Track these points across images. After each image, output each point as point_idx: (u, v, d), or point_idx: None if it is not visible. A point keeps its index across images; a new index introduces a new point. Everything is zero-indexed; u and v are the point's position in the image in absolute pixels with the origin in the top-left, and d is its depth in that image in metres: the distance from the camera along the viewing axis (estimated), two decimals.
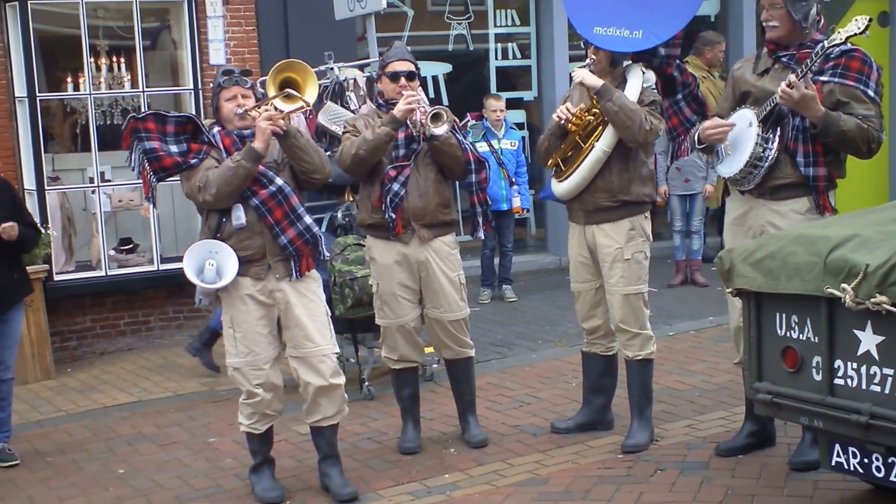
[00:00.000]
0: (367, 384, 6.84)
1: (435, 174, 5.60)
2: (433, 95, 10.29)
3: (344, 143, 5.60)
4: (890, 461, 4.04)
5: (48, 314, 7.87)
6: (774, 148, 4.99)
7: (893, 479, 4.06)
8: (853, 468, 4.22)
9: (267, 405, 5.19)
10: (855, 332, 4.00)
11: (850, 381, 4.05)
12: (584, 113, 5.50)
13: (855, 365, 4.02)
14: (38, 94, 8.11)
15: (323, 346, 5.14)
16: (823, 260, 4.07)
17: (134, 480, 5.73)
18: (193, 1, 8.52)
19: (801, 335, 4.22)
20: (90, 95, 8.30)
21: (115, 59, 8.59)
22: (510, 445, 5.81)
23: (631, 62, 5.59)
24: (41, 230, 6.63)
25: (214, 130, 5.16)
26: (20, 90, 8.10)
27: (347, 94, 7.53)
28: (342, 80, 7.59)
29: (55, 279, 8.10)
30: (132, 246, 8.60)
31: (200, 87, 8.48)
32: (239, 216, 5.05)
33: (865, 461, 4.14)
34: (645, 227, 5.60)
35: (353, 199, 7.39)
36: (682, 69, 5.69)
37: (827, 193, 5.01)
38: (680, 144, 5.78)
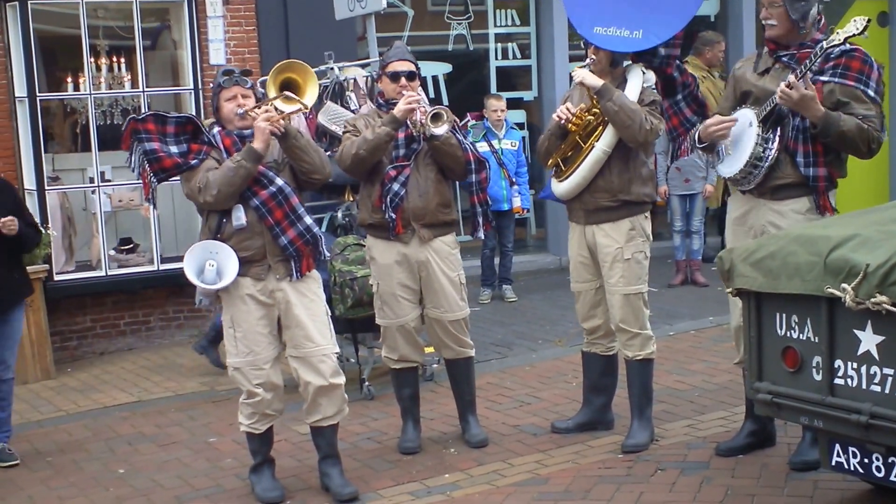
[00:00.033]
0: (367, 384, 6.84)
1: (435, 174, 5.60)
2: (433, 95, 10.28)
3: (344, 142, 5.60)
4: (890, 461, 4.04)
5: (48, 314, 7.88)
6: (774, 148, 4.98)
7: (893, 478, 4.06)
8: (853, 468, 4.22)
9: (267, 405, 5.19)
10: (855, 331, 4.00)
11: (850, 380, 4.05)
12: (584, 113, 5.50)
13: (855, 365, 4.02)
14: (38, 93, 8.10)
15: (323, 345, 5.14)
16: (824, 260, 4.07)
17: (134, 480, 5.73)
18: (193, 1, 8.52)
19: (801, 335, 4.22)
20: (90, 95, 8.29)
21: (115, 58, 8.59)
22: (510, 445, 5.81)
23: (631, 62, 5.59)
24: (42, 231, 6.63)
25: (215, 130, 5.16)
26: (20, 90, 8.09)
27: (347, 94, 7.53)
28: (342, 79, 7.59)
29: (55, 279, 8.09)
30: (132, 246, 8.59)
31: (200, 87, 8.47)
32: (239, 217, 5.05)
33: (865, 461, 4.14)
34: (645, 226, 5.59)
35: (353, 199, 7.38)
36: (682, 69, 5.69)
37: (827, 193, 5.01)
38: (680, 145, 5.78)
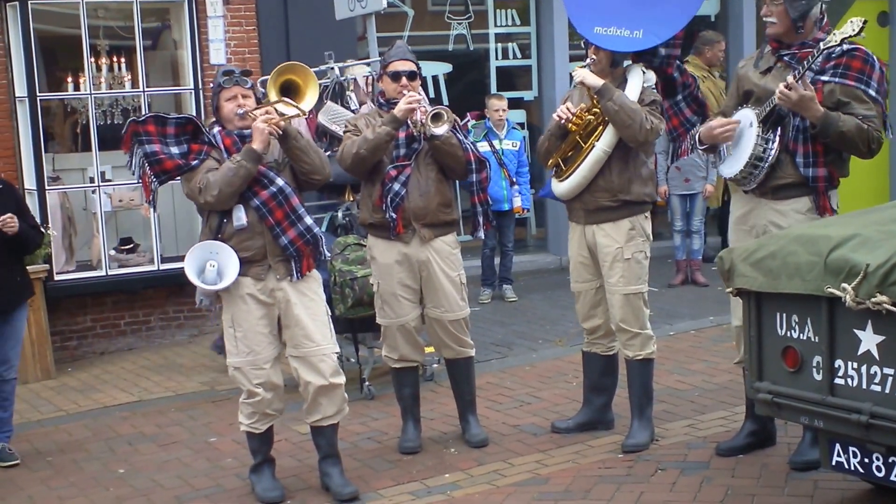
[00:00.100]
0: (367, 384, 6.84)
1: (436, 174, 5.60)
2: (433, 95, 10.28)
3: (345, 142, 5.60)
4: (890, 461, 4.03)
5: (48, 314, 7.88)
6: (774, 148, 4.98)
7: (894, 478, 4.06)
8: (853, 468, 4.22)
9: (267, 405, 5.19)
10: (855, 331, 3.99)
11: (850, 380, 4.04)
12: (584, 112, 5.49)
13: (855, 364, 4.02)
14: (38, 93, 8.11)
15: (323, 345, 5.14)
16: (824, 259, 4.07)
17: (134, 480, 5.73)
18: (194, 1, 8.52)
19: (801, 335, 4.22)
20: (90, 95, 8.29)
21: (115, 58, 8.59)
22: (510, 445, 5.81)
23: (631, 62, 5.59)
24: (44, 232, 6.63)
25: (215, 130, 5.16)
26: (21, 90, 8.10)
27: (348, 93, 7.53)
28: (342, 79, 7.59)
29: (55, 279, 8.09)
30: (132, 246, 8.59)
31: (201, 86, 8.47)
32: (240, 217, 5.05)
33: (866, 461, 4.14)
34: (645, 226, 5.59)
35: (353, 198, 7.38)
36: (682, 70, 5.69)
37: (827, 194, 5.00)
38: (680, 145, 5.78)
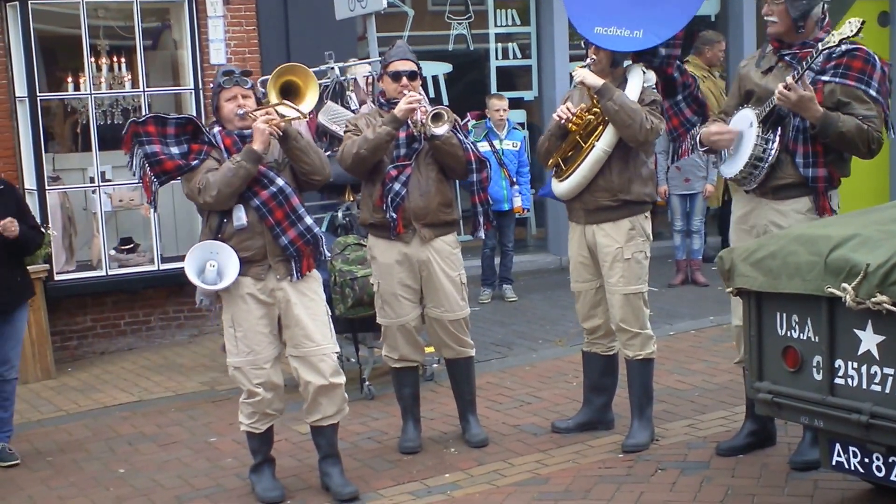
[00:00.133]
0: (367, 384, 6.84)
1: (436, 173, 5.60)
2: (433, 95, 10.28)
3: (345, 142, 5.60)
4: (890, 461, 4.03)
5: (49, 314, 7.88)
6: (774, 148, 4.97)
7: (894, 478, 4.06)
8: (854, 468, 4.22)
9: (267, 404, 5.19)
10: (855, 331, 4.00)
11: (850, 380, 4.04)
12: (584, 112, 5.49)
13: (855, 364, 4.02)
14: (38, 93, 8.10)
15: (323, 345, 5.14)
16: (824, 259, 4.07)
17: (134, 480, 5.73)
18: (194, 1, 8.52)
19: (801, 335, 4.22)
20: (91, 95, 8.29)
21: (115, 58, 8.58)
22: (511, 445, 5.81)
23: (631, 62, 5.59)
24: (44, 233, 6.63)
25: (215, 130, 5.16)
26: (21, 90, 8.09)
27: (348, 93, 7.53)
28: (343, 79, 7.59)
29: (56, 279, 8.09)
30: (133, 245, 8.59)
31: (201, 86, 8.47)
32: (240, 217, 5.06)
33: (866, 461, 4.14)
34: (645, 226, 5.59)
35: (353, 198, 7.38)
36: (682, 70, 5.69)
37: (827, 194, 4.99)
38: (681, 145, 5.78)
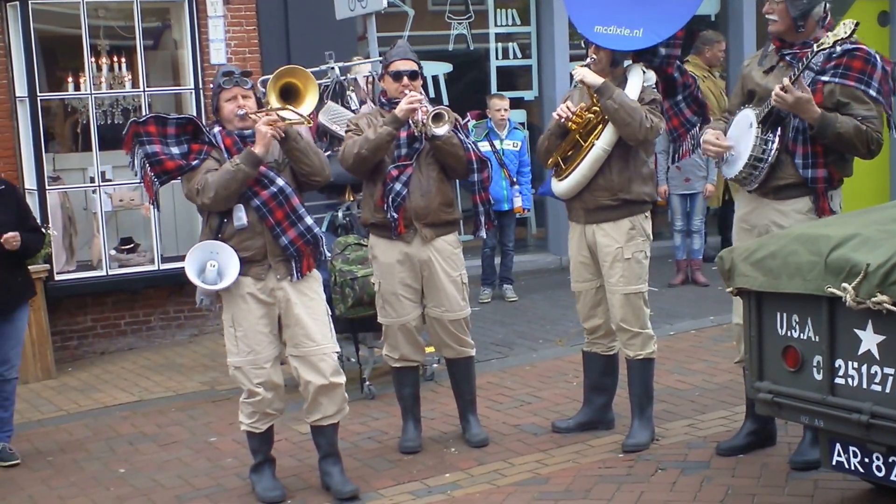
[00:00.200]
0: (367, 384, 6.84)
1: (437, 173, 5.60)
2: (433, 95, 10.28)
3: (346, 142, 5.60)
4: (890, 460, 4.03)
5: (49, 314, 7.88)
6: (774, 149, 4.97)
7: (894, 478, 4.05)
8: (854, 467, 4.22)
9: (268, 404, 5.19)
10: (856, 331, 3.99)
11: (850, 380, 4.04)
12: (584, 111, 5.49)
13: (856, 364, 4.02)
14: (38, 93, 8.10)
15: (323, 344, 5.15)
16: (824, 259, 4.07)
17: (135, 480, 5.73)
18: (194, 1, 8.52)
19: (801, 334, 4.22)
20: (91, 95, 8.29)
21: (115, 58, 8.58)
22: (511, 445, 5.81)
23: (632, 62, 5.59)
24: (44, 233, 6.62)
25: (215, 130, 5.16)
26: (21, 90, 8.09)
27: (348, 93, 7.53)
28: (343, 79, 7.59)
29: (56, 279, 8.09)
30: (133, 245, 8.59)
31: (201, 86, 8.47)
32: (240, 217, 5.06)
33: (866, 460, 4.14)
34: (645, 226, 5.59)
35: (353, 198, 7.38)
36: (682, 70, 5.69)
37: (827, 195, 4.98)
38: (681, 145, 5.79)
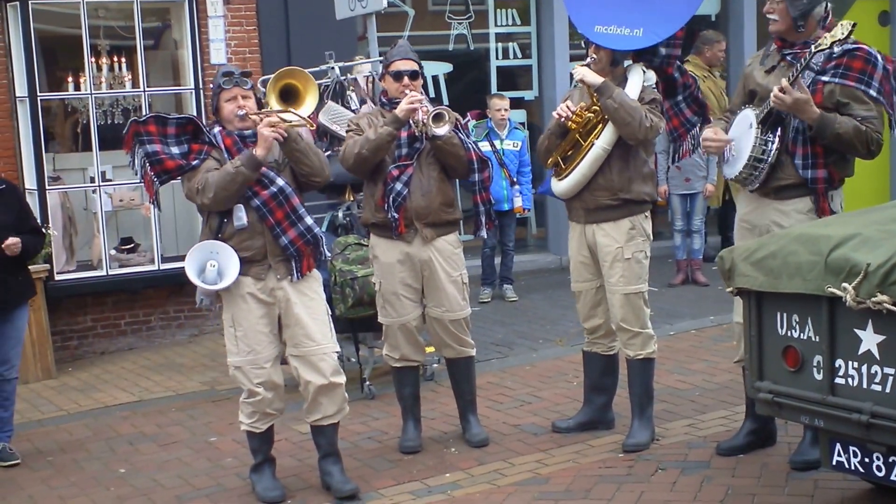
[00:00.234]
0: (367, 384, 6.84)
1: (438, 173, 5.60)
2: (433, 95, 10.28)
3: (347, 142, 5.61)
4: (891, 460, 4.03)
5: (49, 314, 7.88)
6: (773, 149, 4.96)
7: (894, 478, 4.05)
8: (854, 467, 4.22)
9: (268, 404, 5.19)
10: (856, 331, 3.99)
11: (850, 380, 4.04)
12: (584, 111, 5.49)
13: (856, 364, 4.02)
14: (38, 93, 8.10)
15: (323, 344, 5.15)
16: (824, 259, 4.07)
17: (135, 479, 5.73)
18: (194, 1, 8.52)
19: (801, 334, 4.22)
20: (91, 95, 8.29)
21: (115, 58, 8.58)
22: (511, 445, 5.81)
23: (632, 62, 5.59)
24: (45, 233, 6.62)
25: (215, 130, 5.17)
26: (21, 90, 8.09)
27: (348, 93, 7.53)
28: (343, 78, 7.59)
29: (56, 279, 8.09)
30: (133, 245, 8.59)
31: (201, 86, 8.47)
32: (240, 217, 5.06)
33: (866, 460, 4.14)
34: (645, 226, 5.59)
35: (353, 198, 7.39)
36: (682, 70, 5.69)
37: (827, 195, 4.98)
38: (681, 146, 5.78)
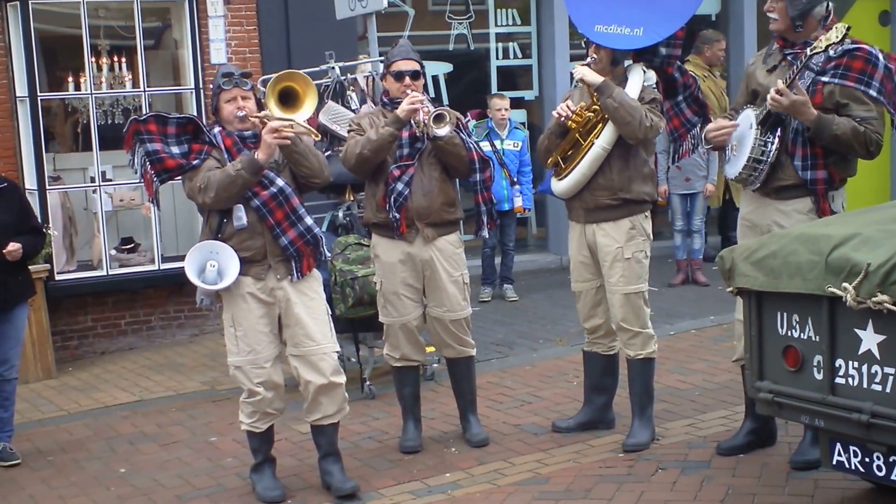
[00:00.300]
0: (368, 383, 6.84)
1: (439, 173, 5.60)
2: (434, 95, 10.28)
3: (349, 142, 5.61)
4: (891, 460, 4.03)
5: (49, 314, 7.88)
6: (773, 149, 4.96)
7: (894, 478, 4.05)
8: (854, 467, 4.22)
9: (268, 404, 5.19)
10: (856, 331, 3.99)
11: (851, 380, 4.04)
12: (584, 110, 5.49)
13: (856, 364, 4.02)
14: (39, 93, 8.10)
15: (323, 344, 5.15)
16: (825, 259, 4.07)
17: (135, 479, 5.73)
18: (194, 0, 8.53)
19: (802, 334, 4.22)
20: (91, 95, 8.29)
21: (116, 58, 8.58)
22: (511, 444, 5.81)
23: (632, 61, 5.59)
24: (45, 233, 6.62)
25: (215, 130, 5.17)
26: (21, 90, 8.10)
27: (348, 93, 7.53)
28: (343, 78, 7.59)
29: (56, 279, 8.09)
30: (133, 245, 8.59)
31: (202, 86, 8.47)
32: (240, 217, 5.06)
33: (866, 460, 4.14)
34: (645, 226, 5.59)
35: (353, 198, 7.39)
36: (682, 70, 5.69)
37: (827, 196, 4.98)
38: (681, 146, 5.78)
